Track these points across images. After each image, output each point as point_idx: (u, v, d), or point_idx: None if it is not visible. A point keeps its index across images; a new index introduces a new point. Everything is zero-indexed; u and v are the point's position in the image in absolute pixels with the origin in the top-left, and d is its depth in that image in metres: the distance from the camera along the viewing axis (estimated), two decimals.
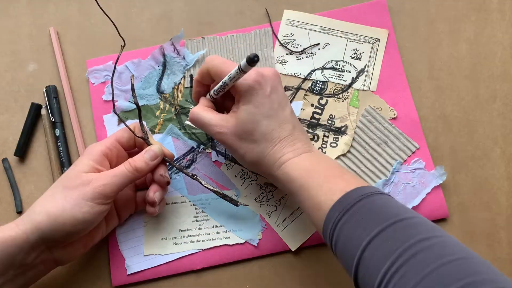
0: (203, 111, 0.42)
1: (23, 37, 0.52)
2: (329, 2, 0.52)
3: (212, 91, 0.43)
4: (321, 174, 0.38)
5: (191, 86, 0.50)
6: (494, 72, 0.51)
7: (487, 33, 0.52)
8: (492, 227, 0.48)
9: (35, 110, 0.49)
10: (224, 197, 0.43)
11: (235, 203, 0.43)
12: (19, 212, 0.48)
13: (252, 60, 0.34)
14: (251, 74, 0.39)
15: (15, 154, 0.49)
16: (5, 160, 0.49)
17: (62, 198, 0.38)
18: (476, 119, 0.50)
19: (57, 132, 0.49)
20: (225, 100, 0.45)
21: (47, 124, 0.49)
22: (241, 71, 0.37)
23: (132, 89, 0.44)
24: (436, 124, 0.50)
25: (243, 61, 0.36)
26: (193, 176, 0.43)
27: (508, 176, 0.49)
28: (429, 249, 0.29)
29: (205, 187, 0.43)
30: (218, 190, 0.43)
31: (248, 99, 0.40)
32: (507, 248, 0.48)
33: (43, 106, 0.50)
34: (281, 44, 0.51)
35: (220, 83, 0.40)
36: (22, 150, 0.49)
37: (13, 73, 0.51)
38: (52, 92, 0.49)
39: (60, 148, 0.48)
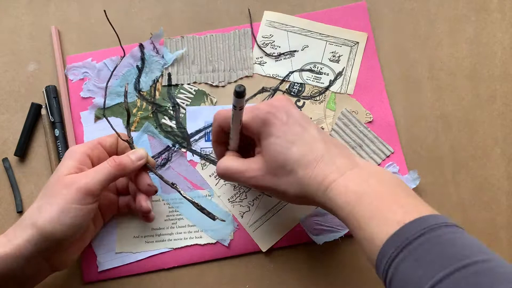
0: (229, 161, 0.40)
1: (23, 37, 0.52)
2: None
3: (229, 145, 0.42)
4: (372, 199, 0.33)
5: (169, 85, 0.50)
6: (494, 72, 0.51)
7: (487, 33, 0.52)
8: (492, 227, 0.48)
9: (35, 110, 0.49)
10: (202, 209, 0.42)
11: (212, 217, 0.42)
12: (20, 212, 0.48)
13: (238, 93, 0.33)
14: (262, 109, 0.38)
15: (15, 154, 0.49)
16: (5, 160, 0.49)
17: (48, 207, 0.37)
18: (476, 119, 0.50)
19: (57, 132, 0.49)
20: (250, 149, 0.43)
21: (47, 124, 0.49)
22: (236, 107, 0.35)
23: (125, 95, 0.45)
24: (436, 124, 0.50)
25: (233, 98, 0.34)
26: (172, 185, 0.43)
27: (508, 176, 0.49)
28: None
29: (184, 197, 0.42)
30: (197, 202, 0.42)
31: (268, 133, 0.37)
32: (507, 248, 0.48)
33: (43, 106, 0.50)
34: (259, 47, 0.51)
35: (230, 131, 0.39)
36: (22, 150, 0.49)
37: (13, 73, 0.51)
38: (52, 92, 0.49)
39: (60, 148, 0.48)
